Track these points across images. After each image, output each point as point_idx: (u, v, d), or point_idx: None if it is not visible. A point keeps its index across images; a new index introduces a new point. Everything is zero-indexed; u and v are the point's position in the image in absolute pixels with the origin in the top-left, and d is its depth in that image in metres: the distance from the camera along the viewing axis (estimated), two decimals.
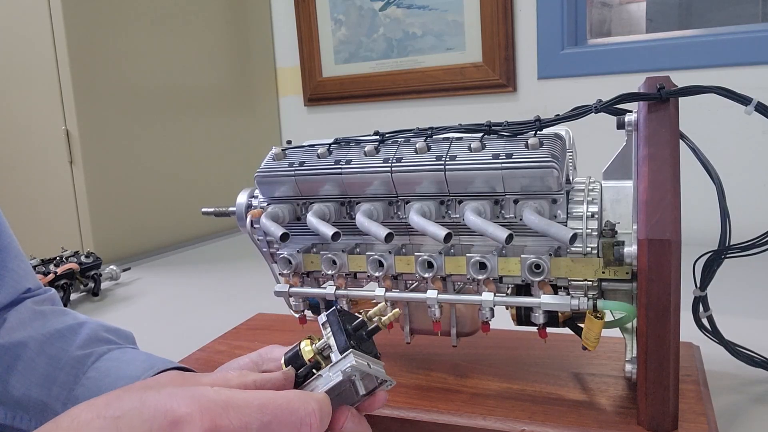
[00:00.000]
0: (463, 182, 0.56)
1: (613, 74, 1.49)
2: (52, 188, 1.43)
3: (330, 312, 0.43)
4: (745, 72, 1.36)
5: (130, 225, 1.51)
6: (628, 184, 0.56)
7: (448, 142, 0.58)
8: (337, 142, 0.63)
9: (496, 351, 0.69)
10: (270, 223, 0.61)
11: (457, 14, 1.67)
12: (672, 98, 0.52)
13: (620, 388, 0.59)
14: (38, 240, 1.45)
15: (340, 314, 0.43)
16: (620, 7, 2.13)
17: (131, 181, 1.51)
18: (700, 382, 0.59)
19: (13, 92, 1.42)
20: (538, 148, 0.53)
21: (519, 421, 0.54)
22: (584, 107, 0.54)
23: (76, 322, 0.56)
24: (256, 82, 1.91)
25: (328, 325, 0.43)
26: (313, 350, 0.42)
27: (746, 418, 0.59)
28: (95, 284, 1.17)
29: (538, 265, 0.54)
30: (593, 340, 0.54)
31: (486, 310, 0.57)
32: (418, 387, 0.62)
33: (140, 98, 1.53)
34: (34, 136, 1.42)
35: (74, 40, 1.35)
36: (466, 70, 1.67)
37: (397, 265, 0.60)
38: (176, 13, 1.61)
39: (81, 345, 0.54)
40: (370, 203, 0.60)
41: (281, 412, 0.34)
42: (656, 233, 0.48)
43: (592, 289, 0.54)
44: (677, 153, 0.51)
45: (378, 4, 1.77)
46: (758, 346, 0.64)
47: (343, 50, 1.85)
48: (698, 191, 0.70)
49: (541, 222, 0.52)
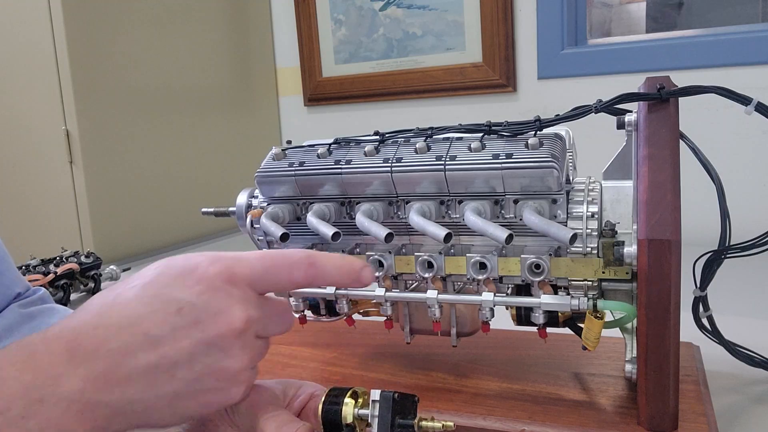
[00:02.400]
0: (463, 182, 0.56)
1: (613, 74, 1.49)
2: (52, 188, 1.43)
3: (384, 395, 0.41)
4: (745, 72, 1.36)
5: (130, 225, 1.51)
6: (628, 184, 0.56)
7: (448, 142, 0.58)
8: (337, 142, 0.63)
9: (496, 351, 0.69)
10: (270, 223, 0.61)
11: (457, 14, 1.67)
12: (672, 98, 0.52)
13: (620, 388, 0.59)
14: (38, 240, 1.45)
15: (394, 402, 0.41)
16: (620, 7, 2.13)
17: (131, 181, 1.51)
18: (700, 382, 0.59)
19: (13, 92, 1.42)
20: (538, 148, 0.53)
21: (519, 421, 0.54)
22: (584, 107, 0.54)
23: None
24: (256, 82, 1.91)
25: (377, 405, 0.41)
26: (354, 415, 0.41)
27: (746, 418, 0.58)
28: (95, 284, 1.17)
29: (538, 265, 0.54)
30: (593, 340, 0.54)
31: (486, 310, 0.57)
32: (418, 387, 0.62)
33: (140, 98, 1.53)
34: (34, 136, 1.42)
35: (74, 40, 1.35)
36: (466, 70, 1.67)
37: (397, 265, 0.60)
38: (176, 13, 1.61)
39: None
40: (370, 203, 0.60)
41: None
42: (656, 233, 0.48)
43: (592, 289, 0.54)
44: (677, 153, 0.51)
45: (378, 4, 1.77)
46: (758, 346, 0.64)
47: (343, 50, 1.85)
48: (698, 191, 0.70)
49: (541, 222, 0.52)
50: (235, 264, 0.35)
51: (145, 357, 0.32)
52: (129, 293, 0.34)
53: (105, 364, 0.32)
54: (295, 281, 0.37)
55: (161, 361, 0.33)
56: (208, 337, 0.33)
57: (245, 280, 0.35)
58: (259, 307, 0.36)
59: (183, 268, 0.34)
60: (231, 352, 0.34)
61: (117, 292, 0.35)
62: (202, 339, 0.33)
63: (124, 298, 0.34)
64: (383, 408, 0.41)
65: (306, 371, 0.69)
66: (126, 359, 0.32)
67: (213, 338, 0.33)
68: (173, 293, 0.33)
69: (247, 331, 0.34)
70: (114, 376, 0.32)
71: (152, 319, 0.33)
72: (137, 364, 0.32)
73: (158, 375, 0.33)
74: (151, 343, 0.32)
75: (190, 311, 0.33)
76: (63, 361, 0.32)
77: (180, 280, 0.34)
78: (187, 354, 0.33)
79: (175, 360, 0.33)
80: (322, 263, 0.38)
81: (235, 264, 0.35)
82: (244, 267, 0.35)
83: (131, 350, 0.32)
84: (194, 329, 0.33)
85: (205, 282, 0.34)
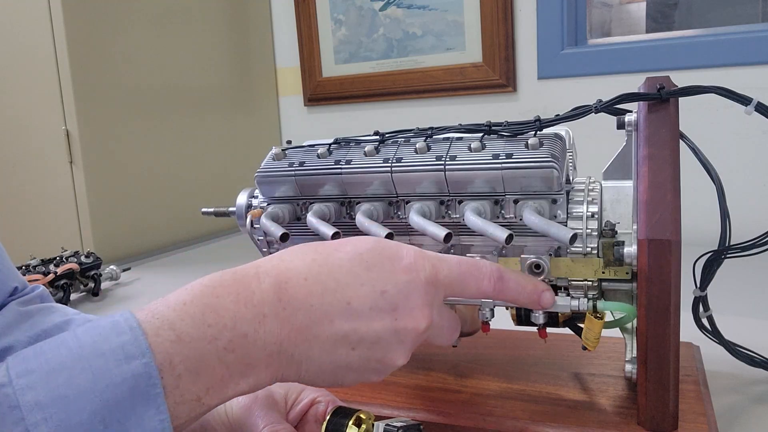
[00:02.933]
0: (463, 182, 0.56)
1: (613, 74, 1.49)
2: (52, 188, 1.43)
3: (387, 429, 0.41)
4: (745, 72, 1.36)
5: (130, 225, 1.51)
6: (628, 184, 0.56)
7: (448, 142, 0.58)
8: (337, 142, 0.63)
9: (496, 351, 0.69)
10: (270, 223, 0.61)
11: (457, 14, 1.67)
12: (672, 98, 0.52)
13: (620, 388, 0.59)
14: (38, 240, 1.45)
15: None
16: (620, 7, 2.14)
17: (131, 181, 1.51)
18: (700, 382, 0.59)
19: (13, 92, 1.42)
20: (538, 148, 0.53)
21: (519, 421, 0.54)
22: (584, 107, 0.54)
23: (63, 320, 0.55)
24: (256, 82, 1.91)
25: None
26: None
27: (746, 418, 0.59)
28: (95, 284, 1.17)
29: (538, 265, 0.54)
30: (593, 340, 0.54)
31: (486, 310, 0.57)
32: (418, 387, 0.62)
33: (140, 98, 1.53)
34: (34, 136, 1.42)
35: (74, 40, 1.35)
36: (466, 70, 1.67)
37: None
38: (176, 13, 1.61)
39: None
40: (370, 203, 0.60)
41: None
42: (656, 233, 0.48)
43: (592, 290, 0.54)
44: (677, 153, 0.51)
45: (378, 4, 1.77)
46: (758, 346, 0.64)
47: (343, 50, 1.85)
48: (698, 191, 0.70)
49: (541, 222, 0.51)
50: (439, 265, 0.37)
51: (340, 325, 0.34)
52: (343, 257, 0.35)
53: (304, 318, 0.33)
54: (483, 291, 0.39)
55: (351, 333, 0.34)
56: (398, 326, 0.35)
57: (444, 282, 0.37)
58: (441, 314, 0.37)
59: (396, 253, 0.36)
60: (405, 347, 0.36)
61: (329, 250, 0.36)
62: (392, 327, 0.35)
63: (336, 260, 0.35)
64: None
65: None
66: (323, 320, 0.34)
67: (400, 329, 0.35)
68: (382, 274, 0.35)
69: (426, 333, 0.36)
70: (308, 332, 0.34)
71: (358, 291, 0.34)
72: (331, 328, 0.34)
73: (343, 345, 0.34)
74: (350, 314, 0.34)
75: (393, 297, 0.35)
76: (271, 301, 0.33)
77: (391, 264, 0.35)
78: (375, 335, 0.35)
79: (363, 336, 0.34)
80: (509, 278, 0.40)
81: (439, 265, 0.37)
82: (446, 270, 0.37)
83: (330, 314, 0.34)
84: (389, 315, 0.35)
85: (413, 274, 0.36)
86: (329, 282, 0.34)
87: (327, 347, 0.34)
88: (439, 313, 0.38)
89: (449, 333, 0.40)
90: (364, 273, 0.35)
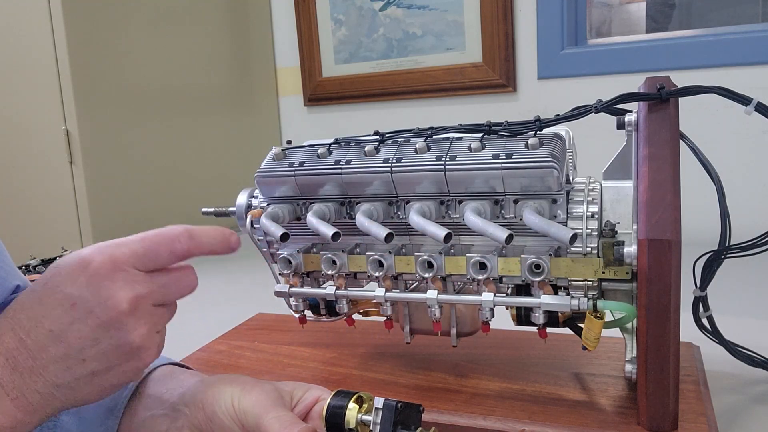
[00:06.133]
0: (463, 182, 0.56)
1: (613, 74, 1.49)
2: (52, 188, 1.43)
3: (387, 404, 0.42)
4: (745, 72, 1.36)
5: (130, 225, 1.50)
6: (628, 184, 0.56)
7: (448, 142, 0.58)
8: (337, 142, 0.63)
9: (496, 351, 0.69)
10: (270, 223, 0.61)
11: (457, 14, 1.67)
12: (672, 98, 0.52)
13: (620, 388, 0.59)
14: (38, 240, 1.45)
15: (397, 411, 0.42)
16: (620, 7, 2.13)
17: (131, 181, 1.51)
18: (700, 382, 0.59)
19: (13, 92, 1.42)
20: (538, 148, 0.53)
21: (519, 421, 0.54)
22: (584, 107, 0.54)
23: None
24: (256, 82, 1.91)
25: (380, 413, 0.42)
26: (357, 420, 0.42)
27: (746, 418, 0.59)
28: None
29: (538, 265, 0.54)
30: (593, 340, 0.54)
31: (486, 310, 0.57)
32: (418, 387, 0.62)
33: (140, 98, 1.53)
34: (34, 136, 1.42)
35: (74, 40, 1.35)
36: (466, 70, 1.67)
37: (397, 265, 0.60)
38: (176, 13, 1.61)
39: None
40: (370, 203, 0.60)
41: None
42: (656, 233, 0.48)
43: (592, 289, 0.54)
44: (677, 153, 0.51)
45: (378, 4, 1.77)
46: (758, 346, 0.64)
47: (343, 50, 1.85)
48: (698, 191, 0.70)
49: (541, 222, 0.51)
50: (115, 251, 0.39)
51: (55, 350, 0.37)
52: (31, 296, 0.39)
53: (25, 358, 0.37)
54: (177, 254, 0.41)
55: (69, 350, 0.38)
56: (102, 321, 0.38)
57: (128, 262, 0.39)
58: (148, 281, 0.40)
59: (72, 265, 0.38)
60: (127, 328, 0.38)
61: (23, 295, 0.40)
62: (98, 324, 0.38)
63: (27, 300, 0.39)
64: (385, 417, 0.42)
65: (306, 371, 0.69)
66: (40, 354, 0.37)
67: (107, 321, 0.38)
68: (66, 290, 0.38)
69: (138, 307, 0.39)
70: (34, 368, 0.37)
71: (52, 316, 0.38)
72: (49, 356, 0.37)
73: (70, 361, 0.38)
74: (56, 338, 0.37)
75: (83, 304, 0.37)
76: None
77: (70, 278, 0.38)
78: (90, 339, 0.38)
79: (81, 347, 0.38)
80: (199, 235, 0.42)
81: (115, 251, 0.39)
82: (125, 251, 0.39)
83: (42, 346, 0.37)
84: (89, 318, 0.37)
85: (91, 274, 0.38)
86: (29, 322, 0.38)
87: (60, 370, 0.38)
88: (146, 282, 0.40)
89: (182, 284, 0.42)
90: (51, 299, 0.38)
